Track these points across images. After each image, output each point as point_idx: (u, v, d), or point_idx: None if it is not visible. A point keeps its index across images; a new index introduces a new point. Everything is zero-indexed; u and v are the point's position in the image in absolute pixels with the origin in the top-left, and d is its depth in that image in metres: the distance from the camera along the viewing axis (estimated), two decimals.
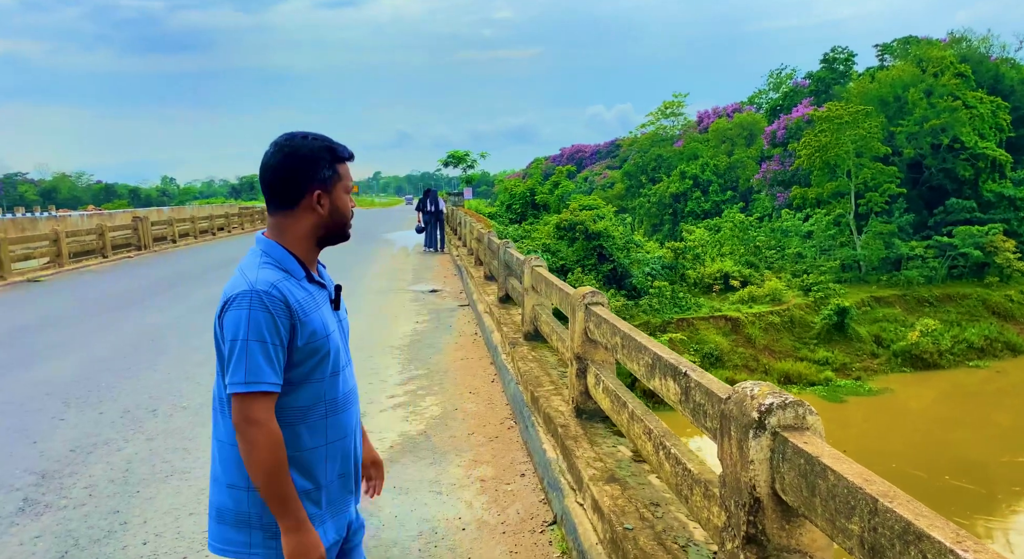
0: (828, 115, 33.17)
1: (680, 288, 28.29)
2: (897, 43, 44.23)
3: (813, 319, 27.63)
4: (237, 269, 1.62)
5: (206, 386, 5.83)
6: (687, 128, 55.89)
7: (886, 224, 32.54)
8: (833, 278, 30.36)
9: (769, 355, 26.46)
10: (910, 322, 28.29)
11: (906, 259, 31.68)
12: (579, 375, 3.51)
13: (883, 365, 26.50)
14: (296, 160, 1.62)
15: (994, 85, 36.97)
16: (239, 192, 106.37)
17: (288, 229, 1.64)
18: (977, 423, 21.12)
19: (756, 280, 30.04)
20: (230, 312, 1.52)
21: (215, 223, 28.50)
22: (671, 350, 2.42)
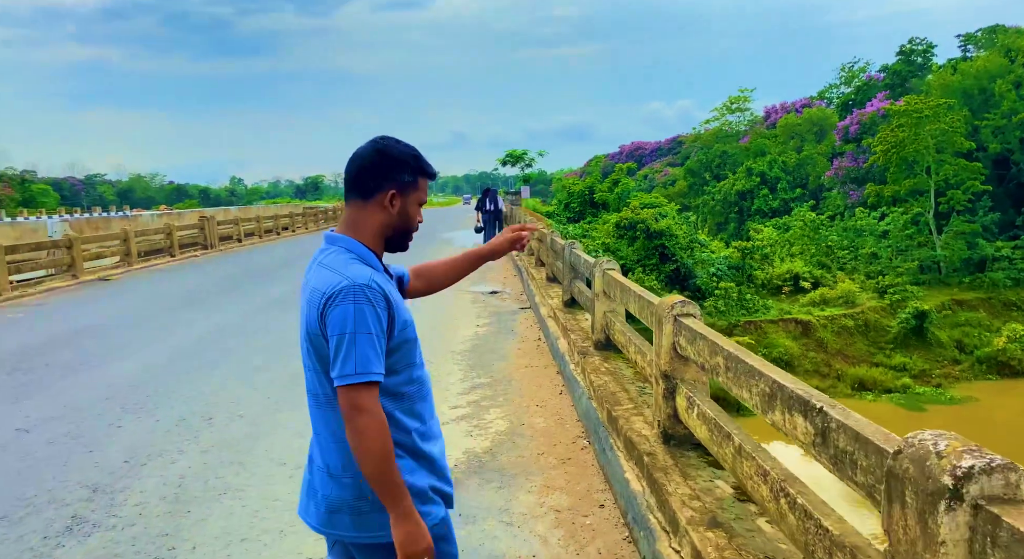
0: (906, 109, 31.48)
1: (747, 289, 27.35)
2: (982, 33, 41.71)
3: (889, 323, 26.31)
4: (323, 266, 1.66)
5: (263, 393, 5.66)
6: (753, 124, 54.19)
7: (969, 223, 30.66)
8: (910, 280, 28.85)
9: (842, 360, 25.32)
10: (995, 327, 26.67)
11: (991, 260, 29.80)
12: (667, 396, 3.10)
13: (966, 372, 25.07)
14: (382, 157, 1.71)
15: None
16: (304, 192, 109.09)
17: (360, 224, 1.71)
18: None
19: (828, 281, 28.83)
20: (336, 307, 1.57)
21: (280, 223, 29.03)
22: (790, 375, 2.01)
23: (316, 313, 1.61)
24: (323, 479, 1.68)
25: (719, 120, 55.14)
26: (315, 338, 1.63)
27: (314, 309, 1.61)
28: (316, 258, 1.71)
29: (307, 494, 1.73)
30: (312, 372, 1.68)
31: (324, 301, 1.59)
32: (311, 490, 1.72)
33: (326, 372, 1.62)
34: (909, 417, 21.21)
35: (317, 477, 1.70)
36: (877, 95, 41.81)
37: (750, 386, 2.18)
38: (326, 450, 1.68)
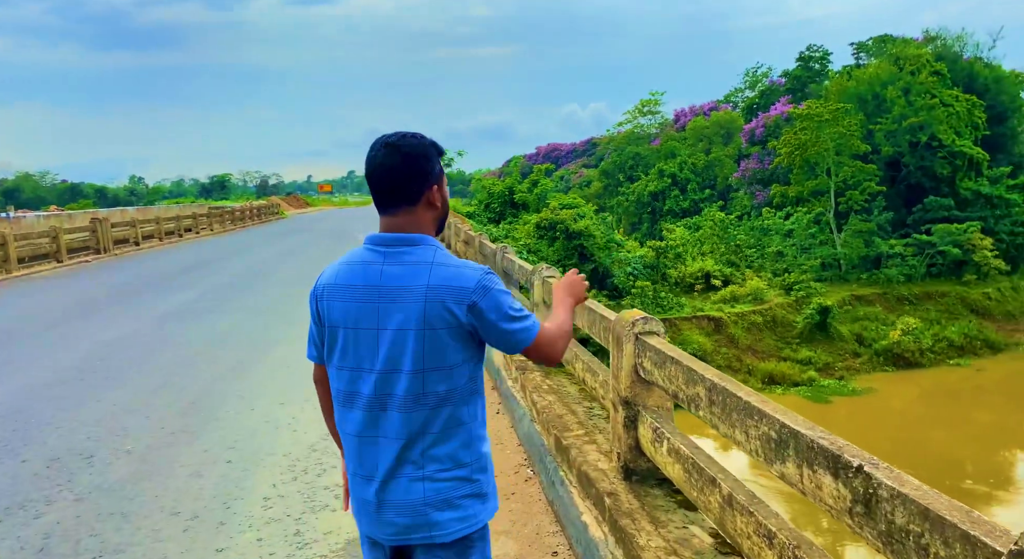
0: (808, 113, 32.93)
1: (662, 288, 27.87)
2: (873, 41, 44.31)
3: (795, 318, 27.37)
4: (439, 264, 1.67)
5: (157, 421, 4.96)
6: (664, 126, 55.56)
7: (865, 222, 32.40)
8: (814, 277, 30.15)
9: (752, 355, 26.15)
10: (891, 321, 28.20)
11: (886, 257, 31.58)
12: (627, 425, 2.74)
13: (865, 364, 26.38)
14: (413, 160, 1.70)
15: (969, 83, 37.06)
16: (210, 191, 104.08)
17: (417, 224, 1.72)
18: (957, 421, 21.10)
19: (737, 279, 29.72)
20: (491, 293, 1.65)
21: (182, 224, 27.20)
22: (801, 417, 1.67)
23: (463, 306, 1.63)
24: (414, 486, 1.67)
25: (631, 122, 56.25)
26: (454, 333, 1.64)
27: (458, 303, 1.63)
28: (400, 259, 1.67)
29: (378, 509, 1.70)
30: (435, 373, 1.65)
31: (472, 293, 1.63)
32: (383, 504, 1.69)
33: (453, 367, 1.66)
34: (817, 409, 22.06)
35: (407, 485, 1.67)
36: (780, 99, 43.68)
37: (746, 427, 1.83)
38: (429, 453, 1.67)
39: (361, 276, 1.69)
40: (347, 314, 1.69)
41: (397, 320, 1.63)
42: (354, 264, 1.72)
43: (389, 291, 1.65)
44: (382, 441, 1.67)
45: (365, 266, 1.69)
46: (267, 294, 11.30)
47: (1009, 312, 30.61)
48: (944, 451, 18.48)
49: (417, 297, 1.62)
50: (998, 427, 21.16)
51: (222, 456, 4.23)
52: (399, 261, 1.66)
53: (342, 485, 2.02)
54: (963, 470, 17.69)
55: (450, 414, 1.67)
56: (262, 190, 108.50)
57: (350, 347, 1.69)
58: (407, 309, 1.62)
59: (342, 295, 1.70)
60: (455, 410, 1.68)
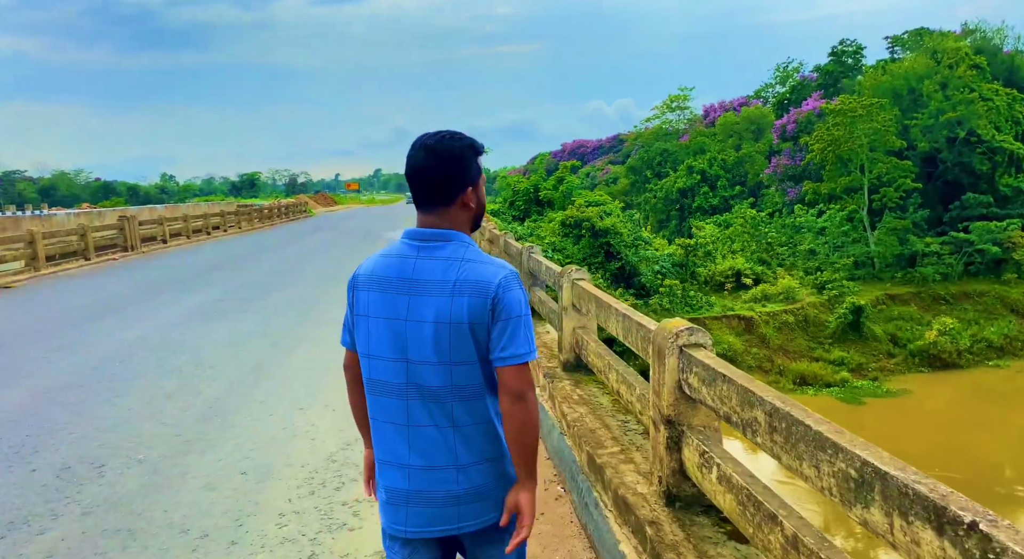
0: (841, 108, 32.15)
1: (691, 286, 27.40)
2: (909, 35, 43.15)
3: (828, 318, 26.76)
4: (468, 261, 1.71)
5: (172, 427, 4.80)
6: (693, 122, 54.82)
7: (900, 220, 31.56)
8: (847, 275, 29.47)
9: (784, 355, 25.60)
10: (926, 321, 27.46)
11: (921, 256, 30.72)
12: (670, 446, 2.48)
13: (900, 365, 25.70)
14: (450, 163, 1.73)
15: (1009, 77, 35.92)
16: (239, 189, 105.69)
17: (452, 222, 1.76)
18: (997, 424, 20.47)
19: (768, 278, 29.16)
20: (509, 293, 1.69)
21: (210, 222, 27.40)
22: (885, 451, 1.41)
23: (487, 302, 1.66)
24: (448, 476, 1.70)
25: (659, 118, 55.60)
26: (477, 328, 1.67)
27: (480, 298, 1.66)
28: (432, 253, 1.72)
29: (407, 502, 1.73)
30: (462, 366, 1.69)
31: (496, 290, 1.66)
32: (417, 494, 1.72)
33: (481, 361, 1.70)
34: (849, 410, 21.55)
35: (436, 476, 1.70)
36: (812, 94, 42.76)
37: (816, 461, 1.57)
38: (459, 445, 1.70)
39: (395, 269, 1.73)
40: (380, 305, 1.73)
41: (427, 313, 1.67)
42: (390, 257, 1.76)
43: (420, 284, 1.69)
44: (411, 430, 1.71)
45: (400, 259, 1.74)
46: (292, 293, 11.20)
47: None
48: (984, 455, 17.90)
49: (445, 291, 1.67)
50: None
51: (236, 467, 4.05)
52: (432, 256, 1.71)
53: (364, 471, 2.01)
54: (1003, 474, 17.20)
55: (478, 407, 1.71)
56: (291, 188, 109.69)
57: (382, 337, 1.72)
58: (436, 303, 1.67)
59: (376, 286, 1.75)
60: (483, 403, 1.72)
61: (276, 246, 21.08)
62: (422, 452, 1.70)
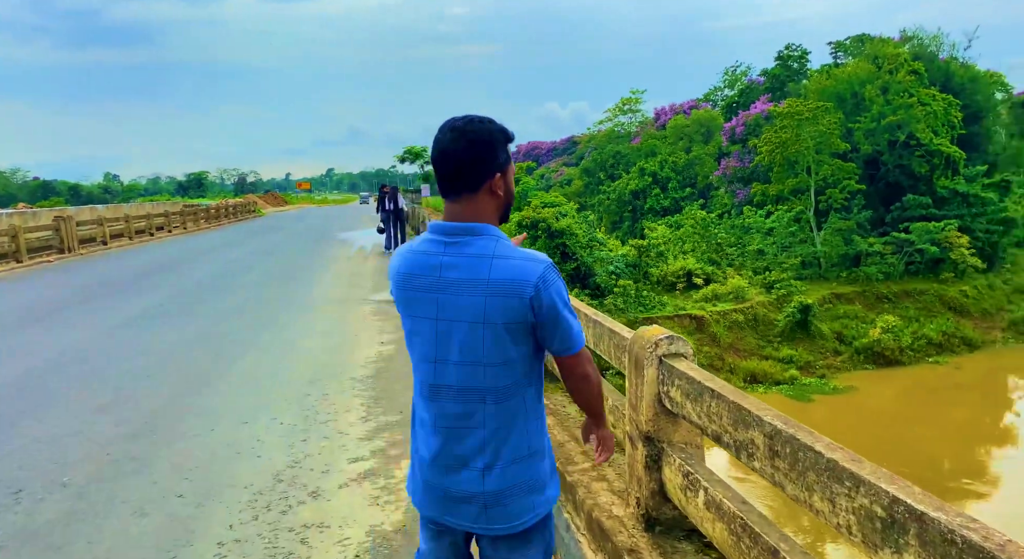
0: (788, 111, 32.87)
1: (644, 286, 27.61)
2: (851, 41, 44.49)
3: (776, 317, 27.27)
4: (500, 257, 1.64)
5: (102, 445, 4.43)
6: (644, 125, 55.42)
7: (845, 220, 32.41)
8: (794, 275, 30.11)
9: (734, 354, 25.99)
10: (870, 319, 28.25)
11: (865, 255, 31.60)
12: (650, 466, 2.30)
13: (846, 362, 26.35)
14: (479, 146, 1.68)
15: (945, 83, 37.27)
16: (186, 189, 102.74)
17: (480, 212, 1.70)
18: (936, 419, 21.20)
19: (719, 278, 29.60)
20: (550, 287, 1.64)
21: (153, 222, 26.37)
22: (916, 487, 1.24)
23: (525, 302, 1.61)
24: (471, 476, 1.70)
25: (612, 121, 56.03)
26: (514, 328, 1.64)
27: (516, 298, 1.61)
28: (460, 250, 1.66)
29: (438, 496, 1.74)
30: (496, 367, 1.66)
31: (534, 288, 1.61)
32: (441, 490, 1.74)
33: (515, 362, 1.67)
34: (800, 408, 21.99)
35: (462, 476, 1.71)
36: (759, 98, 43.68)
37: (831, 494, 1.40)
38: (487, 445, 1.69)
39: (422, 266, 1.69)
40: (409, 303, 1.72)
41: (456, 312, 1.63)
42: (417, 253, 1.72)
43: (449, 283, 1.64)
44: (441, 429, 1.71)
45: (426, 256, 1.69)
46: (239, 297, 10.73)
47: (985, 310, 30.83)
48: (924, 448, 18.49)
49: (478, 291, 1.61)
50: (975, 424, 21.39)
51: (173, 489, 3.73)
52: (459, 252, 1.66)
53: None
54: (942, 467, 17.62)
55: (509, 408, 1.69)
56: (240, 188, 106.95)
57: (417, 335, 1.72)
58: (467, 302, 1.62)
59: (405, 284, 1.72)
60: (514, 403, 1.70)
61: (223, 248, 20.35)
62: (449, 453, 1.70)
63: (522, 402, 1.71)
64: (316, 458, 4.06)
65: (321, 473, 3.83)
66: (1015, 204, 36.59)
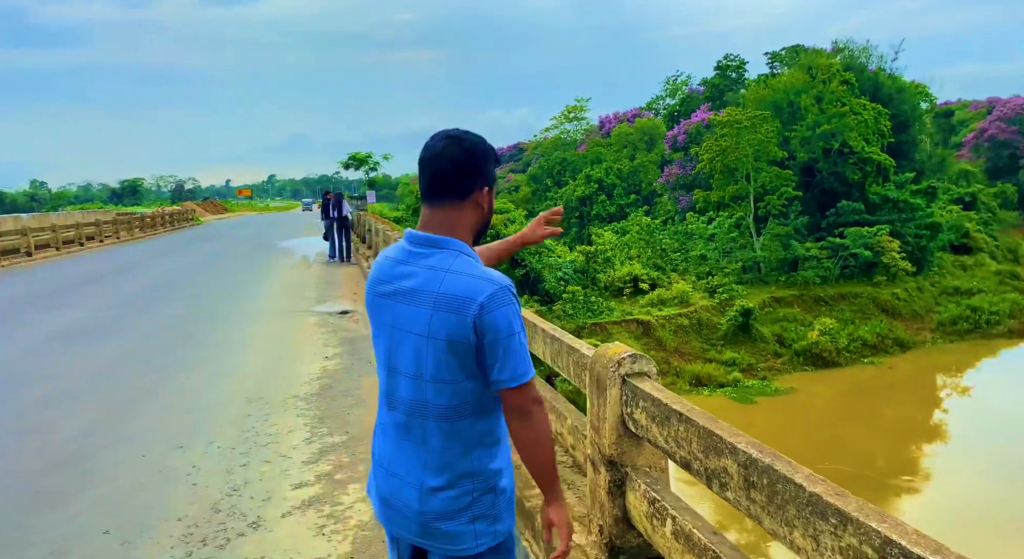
0: (728, 120, 33.69)
1: (592, 292, 27.82)
2: (786, 51, 45.97)
3: (719, 321, 27.81)
4: (455, 272, 1.60)
5: (16, 478, 4.13)
6: (590, 132, 56.09)
7: (783, 226, 33.37)
8: (735, 279, 30.80)
9: (680, 357, 26.39)
10: (808, 321, 29.04)
11: (802, 260, 32.57)
12: (613, 491, 2.19)
13: (786, 364, 27.02)
14: (474, 155, 1.67)
15: (874, 93, 38.89)
16: (120, 197, 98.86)
17: (457, 223, 1.67)
18: (871, 417, 21.94)
19: (664, 283, 30.04)
20: (498, 310, 1.57)
21: (83, 232, 25.11)
22: (910, 526, 1.16)
23: (467, 321, 1.56)
24: (412, 494, 1.65)
25: (558, 128, 56.52)
26: (458, 346, 1.58)
27: (462, 316, 1.56)
28: (420, 261, 1.64)
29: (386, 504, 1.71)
30: (439, 384, 1.61)
31: (479, 308, 1.56)
32: (388, 501, 1.70)
33: (458, 381, 1.61)
34: (743, 410, 22.43)
35: (404, 489, 1.67)
36: (700, 107, 44.70)
37: (815, 531, 1.30)
38: (427, 465, 1.64)
39: (387, 273, 1.69)
40: (373, 308, 1.72)
41: (408, 323, 1.62)
42: (388, 260, 1.72)
43: (405, 293, 1.63)
44: (391, 438, 1.69)
45: (393, 263, 1.69)
46: (173, 310, 10.25)
47: (916, 311, 32.13)
48: (859, 446, 19.12)
49: (427, 303, 1.59)
50: (906, 421, 22.25)
51: (97, 524, 3.44)
52: (419, 263, 1.64)
53: None
54: (875, 463, 18.19)
55: (453, 429, 1.62)
56: (177, 195, 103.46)
57: (377, 341, 1.71)
58: (417, 314, 1.60)
59: (372, 289, 1.72)
60: (460, 426, 1.63)
61: (157, 258, 19.54)
62: (397, 461, 1.67)
63: (471, 426, 1.63)
64: (256, 485, 3.83)
65: (262, 501, 3.60)
66: (940, 210, 38.40)
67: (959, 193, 45.52)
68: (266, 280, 13.84)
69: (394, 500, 1.66)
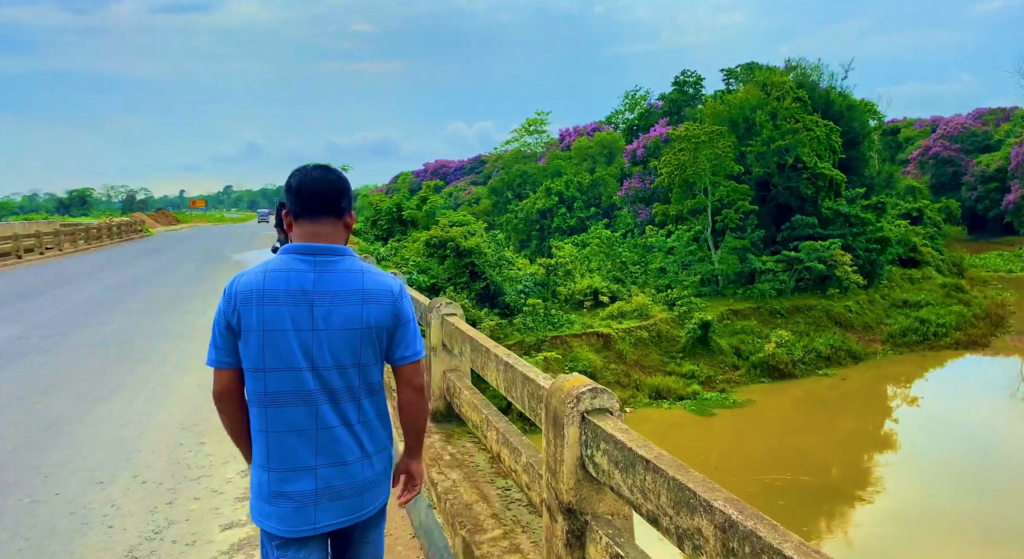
0: (686, 134, 34.08)
1: (552, 305, 27.68)
2: (741, 68, 46.93)
3: (679, 333, 27.89)
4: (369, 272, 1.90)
5: None
6: (550, 145, 56.31)
7: (740, 239, 33.78)
8: (694, 292, 31.00)
9: (639, 370, 26.35)
10: (765, 334, 29.34)
11: (759, 273, 32.98)
12: (571, 542, 1.94)
13: (744, 376, 27.21)
14: (345, 182, 1.96)
15: (825, 110, 39.86)
16: (67, 207, 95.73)
17: (340, 236, 1.94)
18: (825, 427, 22.23)
19: (624, 295, 30.06)
20: (405, 299, 1.92)
21: (21, 244, 23.94)
22: None
23: (391, 308, 1.88)
24: (355, 469, 1.86)
25: (519, 141, 56.63)
26: (382, 331, 1.88)
27: (387, 305, 1.88)
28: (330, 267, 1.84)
29: (316, 501, 1.82)
30: (369, 367, 1.88)
31: (396, 297, 1.89)
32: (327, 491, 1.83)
33: (381, 361, 1.92)
34: (703, 422, 22.49)
35: (346, 470, 1.85)
36: (659, 121, 45.25)
37: None
38: (365, 438, 1.88)
39: (293, 282, 1.80)
40: (278, 317, 1.78)
41: (334, 321, 1.79)
42: (281, 271, 1.82)
43: (326, 296, 1.80)
44: (319, 433, 1.79)
45: (297, 273, 1.81)
46: (111, 328, 9.69)
47: (867, 323, 32.81)
48: (815, 456, 19.34)
49: (355, 300, 1.81)
50: (858, 431, 22.59)
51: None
52: (331, 268, 1.83)
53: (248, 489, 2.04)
54: (830, 472, 18.39)
55: (378, 401, 1.91)
56: (128, 206, 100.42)
57: (283, 348, 1.77)
58: (347, 311, 1.80)
59: (271, 300, 1.79)
60: (381, 397, 1.93)
61: (100, 271, 18.70)
62: (331, 452, 1.80)
63: (382, 395, 1.93)
64: (182, 526, 3.47)
65: (186, 546, 3.25)
66: (889, 224, 39.46)
67: (906, 208, 46.95)
68: (212, 296, 13.27)
69: (336, 486, 1.80)
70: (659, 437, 21.85)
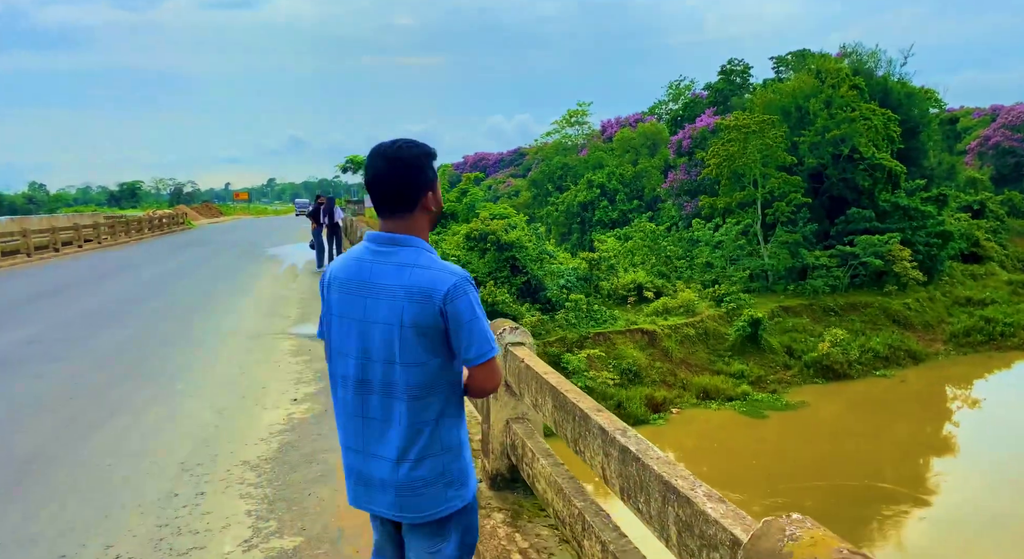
0: (735, 124, 32.67)
1: (595, 300, 26.78)
2: (792, 56, 45.00)
3: (727, 331, 26.78)
4: (419, 267, 1.83)
5: None
6: (591, 137, 55.11)
7: (791, 233, 32.32)
8: (742, 288, 29.80)
9: (686, 369, 25.34)
10: (818, 332, 28.08)
11: (811, 268, 31.54)
12: None
13: (796, 377, 26.04)
14: (411, 169, 1.87)
15: (883, 98, 37.87)
16: (119, 199, 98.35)
17: (412, 227, 1.89)
18: (882, 432, 21.12)
19: (669, 291, 29.06)
20: (461, 298, 1.80)
21: (59, 237, 23.92)
22: None
23: (433, 309, 1.78)
24: (390, 466, 1.83)
25: (559, 132, 55.57)
26: (428, 331, 1.80)
27: (428, 305, 1.78)
28: (386, 259, 1.85)
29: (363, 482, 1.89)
30: (411, 367, 1.81)
31: (444, 297, 1.78)
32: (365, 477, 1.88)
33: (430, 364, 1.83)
34: (754, 424, 21.52)
35: (378, 464, 1.85)
36: (705, 111, 43.67)
37: None
38: (400, 440, 1.82)
39: (354, 271, 1.88)
40: (340, 304, 1.89)
41: (378, 315, 1.81)
42: (352, 260, 1.90)
43: (373, 287, 1.83)
44: (365, 421, 1.86)
45: (359, 262, 1.88)
46: (130, 330, 9.11)
47: (927, 322, 31.15)
48: (870, 461, 18.61)
49: (395, 295, 1.80)
50: (916, 436, 21.17)
51: None
52: (386, 260, 1.84)
53: None
54: (885, 478, 17.61)
55: (423, 407, 1.83)
56: (176, 198, 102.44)
57: (342, 333, 1.88)
58: (387, 306, 1.80)
59: (339, 287, 1.89)
60: (427, 403, 1.83)
61: (135, 265, 18.42)
62: (370, 441, 1.85)
63: (437, 402, 1.84)
64: None
65: None
66: (950, 218, 37.38)
67: (967, 201, 44.53)
68: (244, 293, 12.69)
69: (368, 477, 1.86)
70: (707, 439, 20.87)
